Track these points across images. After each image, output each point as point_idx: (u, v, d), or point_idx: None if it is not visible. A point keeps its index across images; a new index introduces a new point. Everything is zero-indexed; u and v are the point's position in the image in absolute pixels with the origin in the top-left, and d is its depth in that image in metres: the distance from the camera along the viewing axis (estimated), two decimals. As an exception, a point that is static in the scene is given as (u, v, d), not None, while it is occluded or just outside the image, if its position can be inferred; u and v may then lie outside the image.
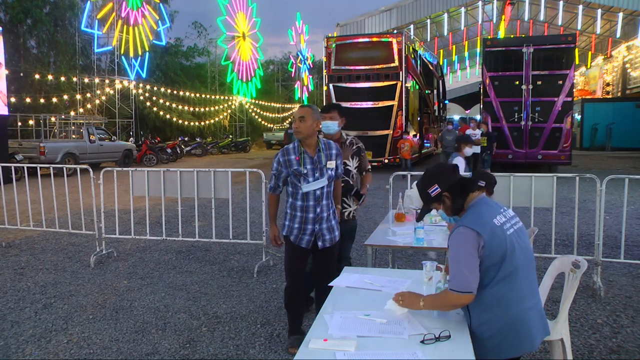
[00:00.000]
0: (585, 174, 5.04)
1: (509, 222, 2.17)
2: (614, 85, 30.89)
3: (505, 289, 2.09)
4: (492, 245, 2.07)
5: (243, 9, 30.21)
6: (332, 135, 3.89)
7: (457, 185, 2.23)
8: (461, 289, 2.06)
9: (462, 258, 2.09)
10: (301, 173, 3.28)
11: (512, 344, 2.11)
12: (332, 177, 3.38)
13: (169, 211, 6.93)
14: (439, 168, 2.33)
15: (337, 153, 3.44)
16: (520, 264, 2.12)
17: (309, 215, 3.34)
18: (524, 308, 2.11)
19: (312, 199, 3.32)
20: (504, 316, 2.09)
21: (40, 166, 7.06)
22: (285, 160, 3.31)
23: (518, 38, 25.08)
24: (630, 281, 5.00)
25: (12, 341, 3.75)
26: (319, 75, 37.53)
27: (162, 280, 5.16)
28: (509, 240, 2.10)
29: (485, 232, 2.07)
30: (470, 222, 2.12)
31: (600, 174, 4.99)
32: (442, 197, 2.24)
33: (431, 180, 2.26)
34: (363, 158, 4.08)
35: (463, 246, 2.09)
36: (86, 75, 22.63)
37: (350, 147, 3.98)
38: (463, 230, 2.11)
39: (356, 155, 4.01)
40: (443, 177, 2.25)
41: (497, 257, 2.08)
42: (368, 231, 5.72)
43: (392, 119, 15.90)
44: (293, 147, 3.34)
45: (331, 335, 2.03)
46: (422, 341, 1.95)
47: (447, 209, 2.27)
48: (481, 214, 2.14)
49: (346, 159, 3.90)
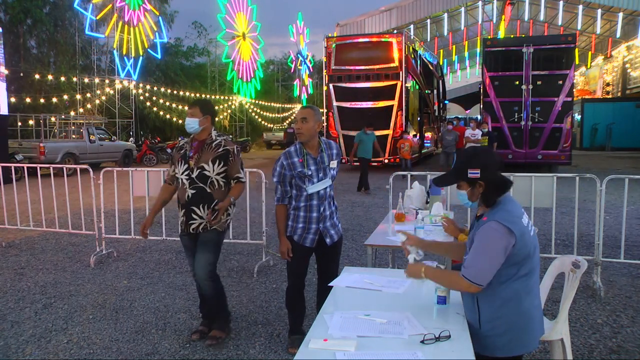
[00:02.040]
0: (585, 174, 5.04)
1: (529, 224, 2.20)
2: (614, 85, 30.89)
3: (521, 287, 2.12)
4: (521, 244, 2.08)
5: (243, 10, 30.19)
6: (197, 134, 3.55)
7: (497, 181, 2.19)
8: (475, 280, 2.07)
9: (488, 251, 2.08)
10: (306, 175, 3.27)
11: (520, 342, 2.13)
12: (334, 176, 3.40)
13: (169, 211, 6.92)
14: (489, 155, 2.26)
15: (338, 152, 3.45)
16: (536, 265, 2.17)
17: (313, 215, 3.34)
18: (534, 306, 2.15)
19: (316, 199, 3.33)
20: (516, 313, 2.11)
21: (40, 166, 7.06)
22: (289, 163, 3.29)
23: (518, 38, 25.08)
24: (630, 281, 5.00)
25: (12, 341, 3.75)
26: (319, 76, 37.56)
27: (162, 280, 5.16)
28: (533, 240, 2.14)
29: (517, 231, 2.07)
30: (503, 219, 2.09)
31: (600, 174, 4.99)
32: (476, 183, 2.19)
33: (477, 162, 2.18)
34: (232, 164, 3.50)
35: (493, 241, 2.07)
36: (86, 75, 22.64)
37: (213, 150, 3.47)
38: (496, 226, 2.08)
39: (220, 159, 3.45)
40: (490, 165, 2.19)
41: (521, 256, 2.10)
42: (368, 231, 5.72)
43: (392, 119, 15.90)
44: (295, 149, 3.32)
45: (331, 335, 2.03)
46: (422, 341, 1.95)
47: (473, 196, 2.22)
48: (512, 212, 2.13)
49: (205, 163, 3.44)
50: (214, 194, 3.47)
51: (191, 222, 3.49)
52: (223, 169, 3.48)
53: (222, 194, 3.50)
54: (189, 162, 3.51)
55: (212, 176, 3.45)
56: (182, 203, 3.54)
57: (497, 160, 2.23)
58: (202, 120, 3.51)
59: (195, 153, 3.50)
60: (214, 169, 3.45)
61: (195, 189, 3.46)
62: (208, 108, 3.57)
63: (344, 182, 13.33)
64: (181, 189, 3.55)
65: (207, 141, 3.51)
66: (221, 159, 3.47)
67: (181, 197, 3.55)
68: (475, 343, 2.03)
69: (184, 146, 3.62)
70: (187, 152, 3.54)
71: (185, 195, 3.49)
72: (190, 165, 3.49)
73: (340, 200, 10.17)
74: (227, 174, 3.51)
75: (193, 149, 3.53)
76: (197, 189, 3.45)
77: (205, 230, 3.49)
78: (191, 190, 3.46)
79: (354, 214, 8.89)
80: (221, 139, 3.54)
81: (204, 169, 3.44)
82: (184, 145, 3.63)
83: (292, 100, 41.88)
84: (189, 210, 3.48)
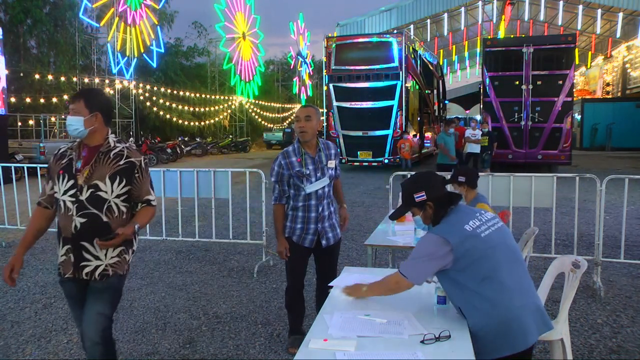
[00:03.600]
0: (585, 174, 5.04)
1: (485, 225, 2.21)
2: (614, 85, 30.90)
3: (491, 289, 2.11)
4: (462, 248, 2.12)
5: (241, 9, 30.19)
6: (86, 139, 2.51)
7: (443, 198, 2.29)
8: (408, 276, 2.22)
9: (422, 255, 2.22)
10: (304, 174, 3.25)
11: (504, 342, 2.11)
12: (332, 176, 3.37)
13: (169, 211, 6.92)
14: (429, 176, 2.37)
15: (336, 153, 3.44)
16: (503, 263, 2.15)
17: (312, 215, 3.32)
18: (514, 306, 2.11)
19: (314, 199, 3.31)
20: (494, 316, 2.09)
21: (40, 166, 7.05)
22: (287, 162, 3.28)
23: (518, 38, 25.08)
24: (630, 281, 5.00)
25: (12, 341, 3.75)
26: (319, 76, 37.55)
27: (162, 280, 5.16)
28: (486, 241, 2.15)
29: (452, 238, 2.14)
30: (439, 231, 2.22)
31: (600, 174, 4.99)
32: (425, 205, 2.29)
33: (420, 186, 2.30)
34: (139, 182, 2.52)
35: (427, 247, 2.22)
36: (86, 75, 22.64)
37: (112, 162, 2.47)
38: (430, 236, 2.25)
39: (122, 175, 2.47)
40: (432, 185, 2.30)
41: (471, 259, 2.12)
42: (368, 231, 5.72)
43: (392, 119, 15.90)
44: (293, 149, 3.32)
45: (331, 335, 2.03)
46: (422, 341, 1.95)
47: (426, 218, 2.33)
48: (451, 223, 2.23)
49: (100, 180, 2.44)
50: (112, 223, 2.47)
51: (84, 265, 2.47)
52: (125, 189, 2.49)
53: (124, 224, 2.51)
54: (75, 177, 2.46)
55: (109, 199, 2.46)
56: (65, 236, 2.48)
57: (438, 179, 2.36)
58: (89, 119, 2.48)
59: (85, 165, 2.47)
60: (113, 188, 2.46)
61: (86, 216, 2.43)
62: (97, 101, 2.53)
63: (344, 182, 13.28)
64: (64, 216, 2.48)
65: (103, 149, 2.50)
66: (123, 175, 2.47)
67: (64, 228, 2.48)
68: (475, 348, 2.03)
69: (66, 154, 2.55)
70: (74, 163, 2.50)
71: (72, 225, 2.44)
72: (79, 182, 2.45)
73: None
74: (131, 195, 2.53)
75: (82, 159, 2.50)
76: (88, 216, 2.43)
77: (103, 277, 2.49)
78: (80, 219, 2.43)
79: (354, 214, 8.89)
80: (122, 146, 2.53)
81: (99, 188, 2.44)
82: (68, 152, 2.55)
83: (292, 100, 41.87)
84: (77, 248, 2.46)
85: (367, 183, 13.24)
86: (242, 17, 30.32)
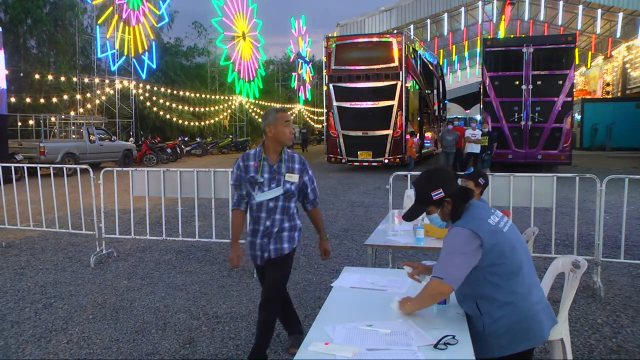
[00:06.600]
0: (585, 174, 5.04)
1: (502, 221, 2.22)
2: (614, 85, 30.88)
3: (516, 284, 2.13)
4: (491, 242, 2.10)
5: (242, 10, 30.16)
6: None
7: (460, 192, 2.24)
8: (446, 280, 2.08)
9: (454, 254, 2.12)
10: (257, 181, 3.02)
11: (525, 337, 2.14)
12: (290, 190, 3.05)
13: (169, 211, 6.93)
14: (442, 172, 2.31)
15: (301, 168, 3.10)
16: (524, 259, 2.17)
17: (259, 228, 3.08)
18: (532, 302, 2.16)
19: (264, 211, 3.05)
20: (517, 311, 2.12)
21: (40, 166, 7.05)
22: (245, 165, 3.08)
23: (518, 38, 25.06)
24: (630, 281, 5.00)
25: (12, 341, 3.75)
26: (319, 76, 37.54)
27: (162, 280, 5.16)
28: (508, 237, 2.15)
29: (481, 231, 2.10)
30: (466, 223, 2.15)
31: (600, 174, 4.99)
32: (443, 202, 2.23)
33: (436, 183, 2.23)
34: None
35: (458, 243, 2.12)
36: (86, 75, 22.62)
37: None
38: (459, 230, 2.14)
39: None
40: (448, 182, 2.25)
41: (499, 253, 2.11)
42: (368, 231, 5.71)
43: (392, 119, 15.91)
44: (255, 152, 3.11)
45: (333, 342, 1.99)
46: (436, 346, 1.94)
47: (444, 215, 2.27)
48: (474, 216, 2.18)
49: None
50: None
51: None
52: None
53: None
54: None
55: None
56: None
57: (451, 174, 2.31)
58: None
59: None
60: None
61: None
62: None
63: (344, 182, 13.35)
64: None
65: None
66: None
67: None
68: (481, 346, 2.03)
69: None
70: None
71: None
72: None
73: (340, 200, 10.19)
74: None
75: None
76: None
77: None
78: None
79: (354, 214, 8.89)
80: None
81: None
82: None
83: (292, 100, 41.87)
84: None
85: (367, 183, 13.24)
86: (242, 17, 30.28)
